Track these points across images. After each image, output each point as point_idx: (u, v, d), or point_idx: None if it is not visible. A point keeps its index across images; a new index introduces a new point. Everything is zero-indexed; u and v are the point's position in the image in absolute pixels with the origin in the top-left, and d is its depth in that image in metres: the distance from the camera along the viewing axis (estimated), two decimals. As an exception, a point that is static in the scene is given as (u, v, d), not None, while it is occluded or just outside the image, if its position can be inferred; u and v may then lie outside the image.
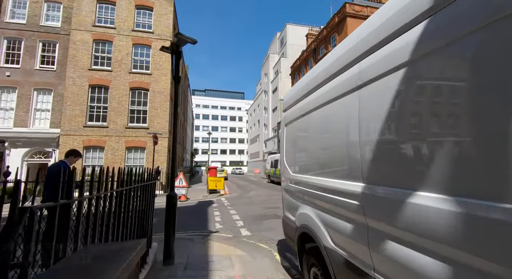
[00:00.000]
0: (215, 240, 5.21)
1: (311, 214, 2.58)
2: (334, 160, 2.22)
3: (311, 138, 2.73)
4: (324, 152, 2.42)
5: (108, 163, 14.41)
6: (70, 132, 14.32)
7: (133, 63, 15.73)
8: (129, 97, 15.32)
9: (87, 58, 14.99)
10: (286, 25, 41.92)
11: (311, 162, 2.71)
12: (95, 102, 14.91)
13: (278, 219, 7.05)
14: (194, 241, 5.00)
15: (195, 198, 12.52)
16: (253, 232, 5.84)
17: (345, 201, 1.92)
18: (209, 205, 10.09)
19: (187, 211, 8.96)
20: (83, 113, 14.59)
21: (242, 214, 7.97)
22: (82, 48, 15.00)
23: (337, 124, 2.14)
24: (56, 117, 14.64)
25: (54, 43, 15.22)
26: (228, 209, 8.91)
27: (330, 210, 2.21)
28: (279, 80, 39.12)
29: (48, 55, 15.09)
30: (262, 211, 8.43)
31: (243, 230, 6.06)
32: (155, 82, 15.78)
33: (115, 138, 14.76)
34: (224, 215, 7.89)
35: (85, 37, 15.12)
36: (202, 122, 70.85)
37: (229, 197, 13.00)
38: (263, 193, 14.36)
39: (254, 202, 10.82)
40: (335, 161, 2.20)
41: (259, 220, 7.10)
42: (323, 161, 2.43)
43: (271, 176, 22.57)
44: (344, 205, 1.93)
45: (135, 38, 15.82)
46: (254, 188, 18.15)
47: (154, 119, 15.52)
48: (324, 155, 2.41)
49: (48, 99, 14.82)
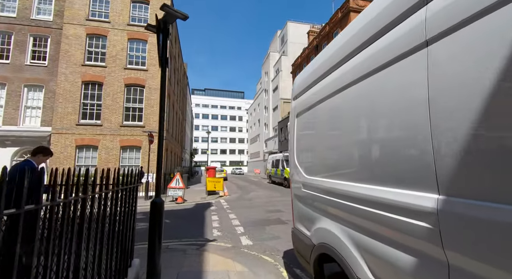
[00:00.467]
0: (212, 251, 4.54)
1: (336, 232, 1.92)
2: (379, 159, 1.54)
3: (337, 129, 2.06)
4: (360, 148, 1.75)
5: (102, 163, 13.75)
6: (62, 130, 13.66)
7: (129, 59, 15.08)
8: (124, 94, 14.66)
9: (80, 53, 14.33)
10: (287, 22, 41.25)
11: (336, 162, 2.04)
12: (88, 100, 14.25)
13: (282, 224, 6.38)
14: (187, 253, 4.33)
15: (192, 199, 11.85)
16: (255, 241, 5.17)
17: (402, 220, 1.25)
18: (207, 208, 9.42)
19: (183, 214, 8.29)
20: (75, 111, 13.93)
21: (242, 219, 7.30)
22: (75, 43, 14.34)
23: (385, 104, 1.47)
24: (47, 115, 13.99)
25: (45, 37, 14.56)
26: (227, 213, 8.24)
27: (370, 231, 1.54)
28: (280, 79, 38.46)
29: (39, 50, 14.43)
30: (264, 215, 7.76)
31: (244, 238, 5.40)
32: (152, 78, 15.12)
33: (109, 137, 14.10)
34: (223, 220, 7.23)
35: (78, 31, 14.46)
36: (201, 122, 70.18)
37: (229, 198, 12.34)
38: (264, 194, 13.69)
39: (255, 204, 10.15)
40: (381, 160, 1.52)
41: (261, 225, 6.44)
42: (359, 160, 1.75)
43: (272, 176, 21.90)
44: (401, 226, 1.27)
45: (130, 33, 15.16)
46: (255, 188, 17.49)
47: (150, 117, 14.86)
48: (361, 152, 1.74)
49: (39, 96, 14.15)
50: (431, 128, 1.13)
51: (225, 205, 9.98)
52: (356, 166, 1.76)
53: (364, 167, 1.68)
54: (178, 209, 9.53)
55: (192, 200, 11.79)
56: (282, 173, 18.66)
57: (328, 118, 2.21)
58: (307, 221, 2.51)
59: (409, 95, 1.28)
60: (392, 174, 1.39)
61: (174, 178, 11.32)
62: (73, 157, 13.63)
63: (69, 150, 13.67)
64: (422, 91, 1.19)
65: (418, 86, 1.21)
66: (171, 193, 11.07)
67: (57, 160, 13.37)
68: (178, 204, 10.80)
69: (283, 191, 15.54)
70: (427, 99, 1.16)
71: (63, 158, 13.49)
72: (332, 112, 2.13)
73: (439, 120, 1.11)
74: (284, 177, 18.12)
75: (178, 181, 11.24)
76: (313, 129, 2.48)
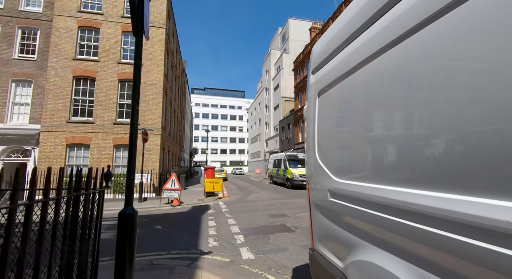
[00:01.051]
0: (206, 268, 3.75)
1: (401, 274, 1.12)
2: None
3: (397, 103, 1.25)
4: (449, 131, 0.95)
5: (94, 163, 12.98)
6: (51, 128, 12.89)
7: (123, 53, 14.29)
8: (118, 90, 13.87)
9: (71, 47, 13.55)
10: (288, 19, 40.45)
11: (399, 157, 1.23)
12: (80, 96, 13.47)
13: (289, 233, 5.59)
14: (175, 272, 3.53)
15: (189, 201, 11.06)
16: (258, 254, 4.38)
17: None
18: (204, 212, 8.63)
19: (177, 219, 7.50)
20: (66, 107, 13.15)
21: (242, 225, 6.51)
22: (66, 36, 13.56)
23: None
24: (36, 112, 13.21)
25: (35, 30, 13.78)
26: (226, 218, 7.44)
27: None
28: (281, 77, 37.66)
29: (28, 44, 13.65)
30: (267, 220, 6.97)
31: (244, 250, 4.60)
32: (147, 73, 14.33)
33: (102, 135, 13.32)
34: (221, 226, 6.43)
35: (69, 23, 13.68)
36: (201, 122, 69.42)
37: (228, 200, 11.54)
38: (266, 196, 12.89)
39: (257, 207, 9.35)
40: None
41: (265, 233, 5.65)
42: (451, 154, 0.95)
43: (273, 177, 21.10)
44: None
45: (124, 25, 14.36)
46: (256, 189, 16.69)
47: (145, 114, 14.08)
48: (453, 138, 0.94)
49: (27, 92, 13.38)
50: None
51: (224, 208, 9.19)
52: (449, 163, 0.96)
53: (466, 165, 0.88)
54: (172, 212, 8.74)
55: (189, 202, 11.00)
56: (285, 173, 17.86)
57: (377, 89, 1.40)
58: (337, 244, 1.72)
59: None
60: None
61: (170, 178, 10.54)
62: (63, 156, 12.85)
63: (59, 148, 12.89)
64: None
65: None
66: (166, 194, 10.28)
67: (46, 159, 12.63)
68: (173, 206, 10.01)
69: (285, 192, 14.74)
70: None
71: (52, 157, 12.72)
72: (385, 79, 1.34)
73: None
74: (287, 177, 17.31)
75: (174, 182, 10.45)
76: (347, 110, 1.68)
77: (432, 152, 1.02)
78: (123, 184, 12.78)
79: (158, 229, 6.30)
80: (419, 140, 1.10)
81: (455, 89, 0.92)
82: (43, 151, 12.73)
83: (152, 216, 8.05)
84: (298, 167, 17.43)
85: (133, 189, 2.39)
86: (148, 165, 13.55)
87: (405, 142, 1.18)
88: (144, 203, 10.89)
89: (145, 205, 10.30)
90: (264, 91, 46.80)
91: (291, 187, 16.72)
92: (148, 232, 5.98)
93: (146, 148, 13.17)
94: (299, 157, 18.79)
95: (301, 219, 7.00)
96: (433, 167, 1.01)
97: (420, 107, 1.09)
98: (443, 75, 0.97)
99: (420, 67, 1.07)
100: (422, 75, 1.06)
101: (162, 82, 14.63)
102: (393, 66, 1.24)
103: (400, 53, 1.19)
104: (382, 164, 1.33)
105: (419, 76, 1.08)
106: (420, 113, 1.09)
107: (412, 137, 1.14)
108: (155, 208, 9.77)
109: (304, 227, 6.09)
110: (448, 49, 0.95)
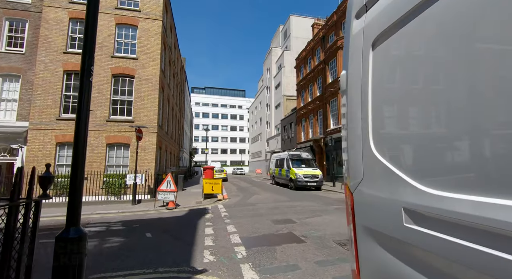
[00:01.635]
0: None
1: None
2: None
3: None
4: None
5: (86, 163, 12.17)
6: (40, 126, 12.11)
7: (117, 46, 13.51)
8: (111, 85, 13.08)
9: (61, 39, 12.77)
10: (290, 16, 39.64)
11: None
12: (71, 91, 12.68)
13: (298, 244, 4.77)
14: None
15: (186, 204, 10.26)
16: (263, 273, 3.57)
17: None
18: (201, 216, 7.83)
19: (170, 225, 6.70)
20: (56, 104, 12.37)
21: (243, 233, 5.71)
22: (56, 28, 12.78)
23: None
24: (24, 108, 12.43)
25: (23, 22, 13.00)
26: (225, 224, 6.64)
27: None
28: (283, 75, 36.82)
29: (16, 36, 12.88)
30: (271, 227, 6.16)
31: (246, 267, 3.79)
32: (142, 68, 13.55)
33: (94, 133, 12.52)
34: (219, 235, 5.63)
35: (60, 15, 12.90)
36: (201, 121, 68.63)
37: (228, 203, 10.74)
38: (268, 198, 12.08)
39: (259, 211, 8.55)
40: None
41: (270, 244, 4.84)
42: None
43: (275, 177, 20.27)
44: None
45: (118, 17, 13.59)
46: (257, 191, 15.87)
47: (140, 111, 13.28)
48: None
49: (15, 87, 12.60)
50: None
51: (223, 212, 8.38)
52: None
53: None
54: (166, 216, 7.94)
55: (186, 204, 10.19)
56: (288, 173, 17.04)
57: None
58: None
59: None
60: None
61: (165, 179, 9.74)
62: (53, 156, 12.07)
63: (49, 147, 12.11)
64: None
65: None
66: (161, 196, 9.48)
67: (35, 158, 11.85)
68: (168, 210, 9.21)
69: (289, 193, 13.92)
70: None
71: (41, 156, 11.94)
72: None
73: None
74: (290, 178, 16.49)
75: (169, 183, 9.65)
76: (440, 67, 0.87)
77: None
78: (116, 185, 12.00)
79: (147, 238, 5.50)
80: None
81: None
82: (31, 149, 11.95)
83: (144, 221, 7.25)
84: (302, 167, 16.62)
85: (80, 200, 1.59)
86: (143, 164, 12.76)
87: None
88: (138, 206, 10.10)
89: (138, 208, 9.50)
90: (265, 90, 45.98)
91: (294, 188, 15.91)
92: (135, 242, 5.18)
93: (140, 147, 12.39)
94: (302, 156, 17.97)
95: (310, 226, 6.19)
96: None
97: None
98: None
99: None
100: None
101: (158, 77, 13.82)
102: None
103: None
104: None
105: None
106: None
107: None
108: (149, 211, 8.97)
109: (315, 236, 5.29)
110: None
